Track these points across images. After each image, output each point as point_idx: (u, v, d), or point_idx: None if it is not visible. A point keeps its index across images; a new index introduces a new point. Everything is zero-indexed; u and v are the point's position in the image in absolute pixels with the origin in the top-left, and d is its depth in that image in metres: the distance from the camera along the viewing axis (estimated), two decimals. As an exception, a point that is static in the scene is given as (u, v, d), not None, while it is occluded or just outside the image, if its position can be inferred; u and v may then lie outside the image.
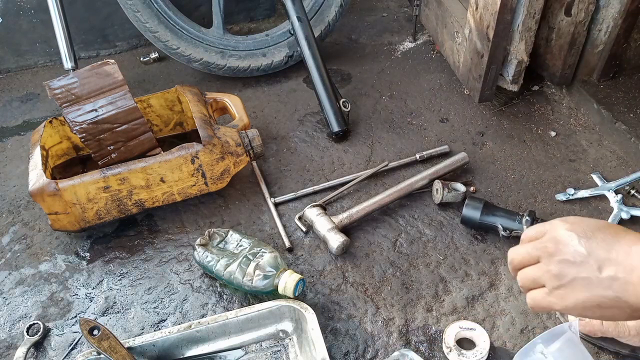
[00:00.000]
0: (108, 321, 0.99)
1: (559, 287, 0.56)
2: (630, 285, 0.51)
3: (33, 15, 1.64)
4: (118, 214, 1.12)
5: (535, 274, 0.59)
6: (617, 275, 0.52)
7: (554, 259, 0.56)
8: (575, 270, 0.55)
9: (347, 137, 1.37)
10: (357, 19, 1.88)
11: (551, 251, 0.57)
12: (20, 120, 1.53)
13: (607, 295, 0.53)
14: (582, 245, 0.55)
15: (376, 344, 0.93)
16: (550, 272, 0.57)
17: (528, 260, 0.60)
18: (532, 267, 0.59)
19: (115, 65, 1.14)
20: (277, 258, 0.96)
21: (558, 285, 0.56)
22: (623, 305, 0.52)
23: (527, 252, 0.60)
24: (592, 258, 0.54)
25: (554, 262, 0.56)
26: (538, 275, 0.58)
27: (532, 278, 0.59)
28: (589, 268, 0.54)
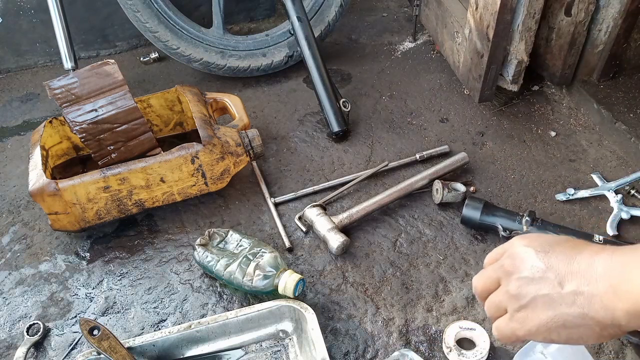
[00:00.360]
0: (108, 321, 0.99)
1: (519, 308, 0.50)
2: (595, 297, 0.45)
3: (33, 15, 1.64)
4: (118, 214, 1.12)
5: (496, 299, 0.53)
6: (580, 289, 0.46)
7: (512, 278, 0.51)
8: (534, 288, 0.49)
9: (347, 137, 1.37)
10: (357, 19, 1.88)
11: (509, 269, 0.52)
12: (20, 120, 1.53)
13: (571, 312, 0.47)
14: (539, 259, 0.50)
15: (376, 344, 0.93)
16: (508, 292, 0.51)
17: (490, 284, 0.55)
18: (494, 293, 0.54)
19: (115, 65, 1.14)
20: (277, 258, 0.96)
21: (518, 306, 0.50)
22: (590, 322, 0.46)
23: (487, 276, 0.55)
24: (552, 272, 0.48)
25: (512, 281, 0.51)
26: (499, 299, 0.53)
27: (495, 304, 0.54)
28: (550, 284, 0.48)
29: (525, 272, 0.50)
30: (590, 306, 0.46)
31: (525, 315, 0.50)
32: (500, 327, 0.53)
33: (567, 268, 0.48)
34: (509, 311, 0.52)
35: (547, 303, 0.48)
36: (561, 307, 0.47)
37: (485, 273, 0.56)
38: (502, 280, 0.53)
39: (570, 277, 0.47)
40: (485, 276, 0.56)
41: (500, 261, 0.54)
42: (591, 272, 0.46)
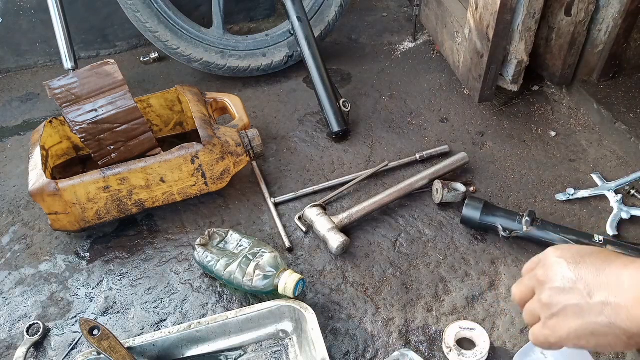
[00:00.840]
0: (108, 321, 0.99)
1: (551, 316, 0.54)
2: (622, 309, 0.48)
3: (33, 15, 1.64)
4: (118, 214, 1.12)
5: (531, 307, 0.57)
6: (608, 300, 0.49)
7: (545, 288, 0.55)
8: (565, 298, 0.52)
9: (347, 137, 1.37)
10: (357, 19, 1.88)
11: (542, 279, 0.56)
12: (20, 120, 1.53)
13: (599, 321, 0.50)
14: (570, 270, 0.53)
15: (376, 344, 0.93)
16: (541, 301, 0.55)
17: (526, 293, 0.59)
18: (530, 302, 0.58)
19: (115, 65, 1.14)
20: (277, 258, 0.96)
21: (550, 314, 0.54)
22: (617, 331, 0.49)
23: (524, 285, 0.59)
24: (582, 283, 0.51)
25: (545, 290, 0.55)
26: (533, 307, 0.57)
27: (530, 311, 0.58)
28: (579, 294, 0.51)
29: (556, 282, 0.53)
30: (617, 316, 0.48)
31: (556, 323, 0.53)
32: (535, 333, 0.56)
33: (596, 280, 0.51)
34: (542, 319, 0.55)
35: (577, 312, 0.51)
36: (590, 316, 0.50)
37: (522, 282, 0.60)
38: (536, 289, 0.57)
39: (599, 288, 0.50)
40: (522, 285, 0.59)
41: (535, 271, 0.57)
42: (619, 284, 0.49)
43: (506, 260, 1.05)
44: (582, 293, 0.51)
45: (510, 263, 1.04)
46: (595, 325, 0.50)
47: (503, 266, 1.04)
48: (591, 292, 0.51)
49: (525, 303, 0.59)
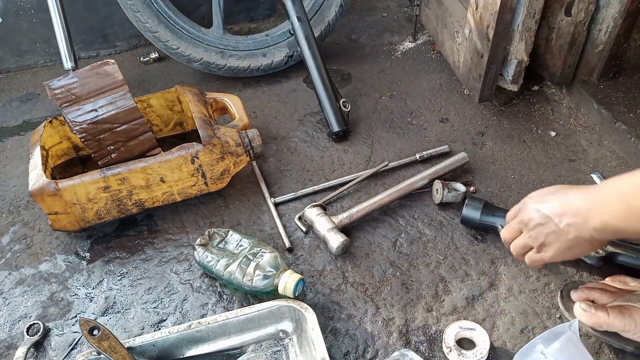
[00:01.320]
0: (108, 321, 0.99)
1: (541, 245, 0.78)
2: (579, 225, 0.72)
3: (33, 15, 1.64)
4: (118, 214, 1.12)
5: (522, 242, 0.82)
6: (571, 221, 0.73)
7: (530, 226, 0.79)
8: (545, 229, 0.76)
9: (347, 137, 1.37)
10: (357, 19, 1.88)
11: (526, 221, 0.80)
12: (20, 120, 1.53)
13: (570, 238, 0.74)
14: (543, 209, 0.77)
15: (376, 344, 0.93)
16: (531, 236, 0.79)
17: (514, 234, 0.84)
18: (518, 238, 0.83)
19: (115, 65, 1.14)
20: (277, 258, 0.96)
21: (540, 243, 0.78)
22: (582, 241, 0.73)
23: (511, 228, 0.84)
24: (553, 216, 0.75)
25: (530, 228, 0.79)
26: (524, 241, 0.81)
27: (522, 245, 0.82)
28: (553, 224, 0.75)
29: (537, 220, 0.78)
30: (578, 231, 0.72)
31: (546, 247, 0.78)
32: (532, 257, 0.82)
33: (560, 209, 0.75)
34: (535, 247, 0.80)
35: (556, 236, 0.75)
36: (563, 236, 0.74)
37: (509, 227, 0.85)
38: (523, 229, 0.81)
39: (563, 215, 0.74)
40: (509, 229, 0.85)
41: (519, 217, 0.82)
42: (573, 207, 0.73)
43: (506, 260, 1.05)
44: (554, 222, 0.75)
45: (510, 263, 1.04)
46: (568, 241, 0.74)
47: (503, 266, 1.04)
48: (560, 220, 0.74)
49: (512, 241, 0.84)
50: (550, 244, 0.77)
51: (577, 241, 0.73)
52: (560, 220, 0.74)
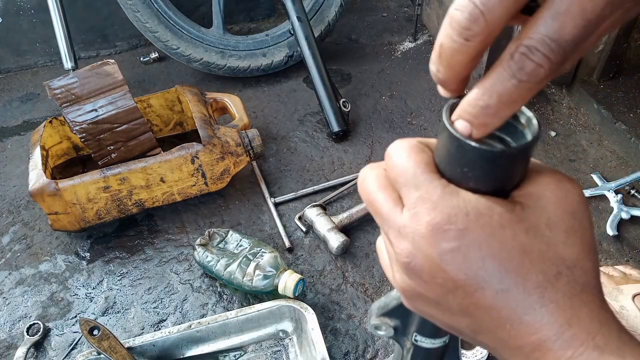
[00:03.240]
0: (108, 321, 0.99)
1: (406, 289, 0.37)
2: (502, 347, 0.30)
3: (33, 15, 1.64)
4: (118, 214, 1.12)
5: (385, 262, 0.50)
6: (492, 344, 0.31)
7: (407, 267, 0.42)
8: (433, 294, 0.34)
9: (347, 137, 1.37)
10: (357, 19, 1.88)
11: (404, 262, 0.43)
12: (20, 120, 1.53)
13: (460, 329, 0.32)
14: (447, 272, 0.36)
15: (376, 344, 0.93)
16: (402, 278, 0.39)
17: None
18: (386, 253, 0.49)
19: (115, 65, 1.14)
20: (277, 258, 0.96)
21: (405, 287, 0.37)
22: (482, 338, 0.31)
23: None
24: (461, 305, 0.32)
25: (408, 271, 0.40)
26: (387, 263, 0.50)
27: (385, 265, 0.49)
28: (456, 303, 0.34)
29: (426, 274, 0.39)
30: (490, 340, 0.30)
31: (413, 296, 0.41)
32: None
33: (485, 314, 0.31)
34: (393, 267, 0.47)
35: (439, 312, 0.35)
36: (453, 321, 0.32)
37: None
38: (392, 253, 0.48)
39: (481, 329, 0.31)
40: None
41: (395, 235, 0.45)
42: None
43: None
44: (460, 305, 0.32)
45: (510, 263, 1.04)
46: (447, 325, 0.33)
47: (503, 266, 1.04)
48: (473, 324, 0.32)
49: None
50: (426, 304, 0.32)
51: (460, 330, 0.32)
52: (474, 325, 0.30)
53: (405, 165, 0.29)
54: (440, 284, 0.28)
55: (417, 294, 0.30)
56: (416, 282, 0.29)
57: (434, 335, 0.39)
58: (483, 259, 0.27)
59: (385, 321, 0.39)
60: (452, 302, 0.28)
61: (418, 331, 0.38)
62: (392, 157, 0.30)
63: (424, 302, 0.30)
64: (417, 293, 0.30)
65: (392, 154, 0.30)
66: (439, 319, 0.31)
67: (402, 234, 0.29)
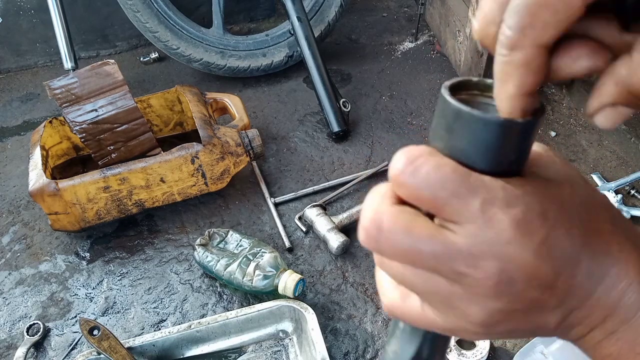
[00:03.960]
0: (108, 321, 0.99)
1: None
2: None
3: (33, 15, 1.64)
4: (118, 214, 1.12)
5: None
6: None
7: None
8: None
9: (347, 137, 1.37)
10: (357, 19, 1.88)
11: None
12: (20, 120, 1.53)
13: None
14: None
15: (376, 344, 0.93)
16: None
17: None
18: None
19: (115, 65, 1.14)
20: (277, 258, 0.96)
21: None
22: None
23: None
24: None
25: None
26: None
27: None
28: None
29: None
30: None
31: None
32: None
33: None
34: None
35: None
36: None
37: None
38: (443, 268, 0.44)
39: None
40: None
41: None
42: None
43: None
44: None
45: (510, 263, 1.04)
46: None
47: (503, 266, 1.04)
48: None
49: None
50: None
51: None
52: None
53: (442, 175, 0.24)
54: (537, 286, 0.25)
55: (505, 315, 0.26)
56: (507, 300, 0.25)
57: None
58: (570, 236, 0.25)
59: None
60: (550, 298, 0.26)
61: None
62: (416, 175, 0.25)
63: (512, 319, 0.27)
64: (506, 313, 0.26)
65: (414, 171, 0.25)
66: (524, 330, 0.28)
67: (476, 254, 0.24)
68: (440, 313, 0.27)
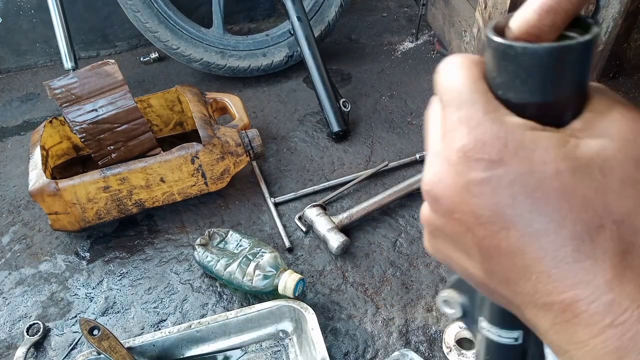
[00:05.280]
0: (108, 321, 0.99)
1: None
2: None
3: (33, 15, 1.64)
4: (118, 214, 1.12)
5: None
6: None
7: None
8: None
9: (347, 137, 1.37)
10: (357, 19, 1.88)
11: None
12: (20, 120, 1.53)
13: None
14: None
15: (376, 344, 0.93)
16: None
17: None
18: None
19: (115, 65, 1.14)
20: (277, 258, 0.96)
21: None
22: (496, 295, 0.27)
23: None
24: None
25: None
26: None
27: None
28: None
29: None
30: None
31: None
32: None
33: None
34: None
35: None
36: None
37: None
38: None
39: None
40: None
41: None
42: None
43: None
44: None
45: (510, 263, 1.04)
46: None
47: (503, 266, 1.04)
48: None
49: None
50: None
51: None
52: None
53: (451, 82, 0.26)
54: (459, 219, 0.25)
55: (435, 229, 0.27)
56: (435, 213, 0.26)
57: (500, 324, 0.31)
58: (514, 196, 0.23)
59: (453, 296, 0.33)
60: (469, 242, 0.25)
61: (485, 315, 0.31)
62: (439, 73, 0.27)
63: (442, 240, 0.28)
64: (435, 227, 0.27)
65: (441, 69, 0.27)
66: (455, 263, 0.28)
67: (433, 160, 0.26)
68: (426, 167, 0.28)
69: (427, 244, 0.30)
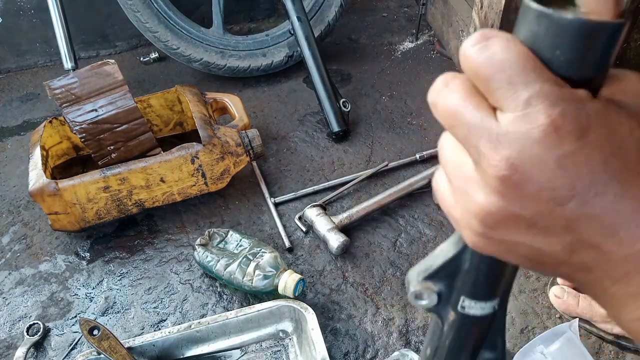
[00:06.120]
0: (108, 321, 0.99)
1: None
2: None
3: (33, 15, 1.64)
4: (118, 214, 1.12)
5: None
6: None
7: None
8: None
9: (347, 137, 1.37)
10: (357, 19, 1.88)
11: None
12: (20, 120, 1.53)
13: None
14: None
15: (376, 344, 0.93)
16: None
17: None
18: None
19: (115, 65, 1.14)
20: (277, 258, 0.96)
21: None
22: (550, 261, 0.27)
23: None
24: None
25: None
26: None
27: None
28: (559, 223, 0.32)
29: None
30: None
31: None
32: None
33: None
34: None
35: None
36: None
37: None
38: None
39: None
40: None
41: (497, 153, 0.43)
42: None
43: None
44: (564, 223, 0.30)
45: (510, 263, 1.04)
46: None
47: (503, 266, 1.04)
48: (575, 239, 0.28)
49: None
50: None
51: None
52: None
53: (506, 58, 0.24)
54: (547, 197, 0.24)
55: (507, 217, 0.25)
56: (512, 200, 0.25)
57: (486, 297, 0.33)
58: (605, 160, 0.23)
59: (428, 287, 0.33)
60: (558, 217, 0.24)
61: (468, 294, 0.32)
62: (484, 50, 0.24)
63: (513, 226, 0.26)
64: (507, 215, 0.25)
65: (483, 48, 0.24)
66: (525, 247, 0.26)
67: (503, 142, 0.24)
68: (456, 197, 0.28)
69: (479, 239, 0.28)
